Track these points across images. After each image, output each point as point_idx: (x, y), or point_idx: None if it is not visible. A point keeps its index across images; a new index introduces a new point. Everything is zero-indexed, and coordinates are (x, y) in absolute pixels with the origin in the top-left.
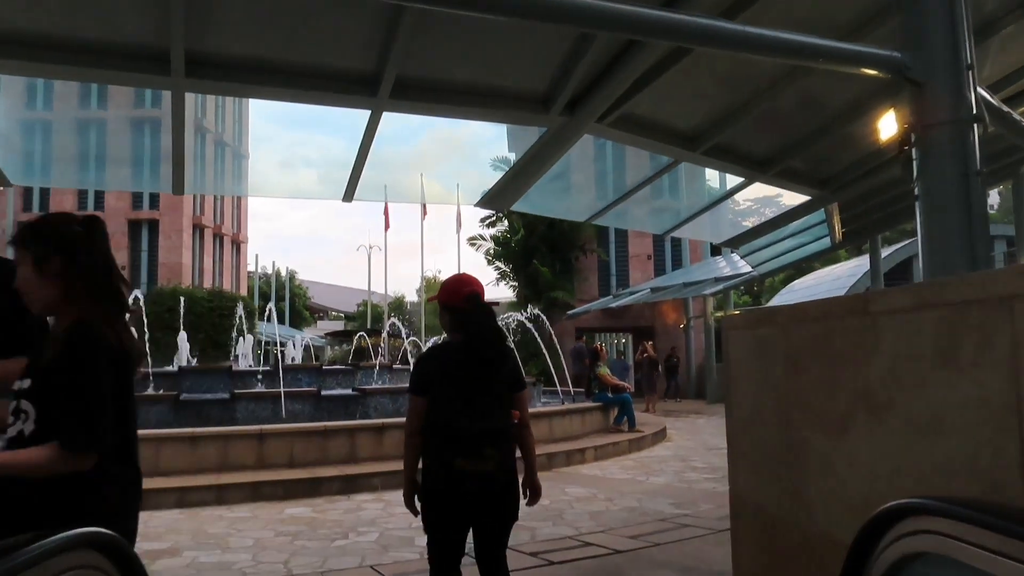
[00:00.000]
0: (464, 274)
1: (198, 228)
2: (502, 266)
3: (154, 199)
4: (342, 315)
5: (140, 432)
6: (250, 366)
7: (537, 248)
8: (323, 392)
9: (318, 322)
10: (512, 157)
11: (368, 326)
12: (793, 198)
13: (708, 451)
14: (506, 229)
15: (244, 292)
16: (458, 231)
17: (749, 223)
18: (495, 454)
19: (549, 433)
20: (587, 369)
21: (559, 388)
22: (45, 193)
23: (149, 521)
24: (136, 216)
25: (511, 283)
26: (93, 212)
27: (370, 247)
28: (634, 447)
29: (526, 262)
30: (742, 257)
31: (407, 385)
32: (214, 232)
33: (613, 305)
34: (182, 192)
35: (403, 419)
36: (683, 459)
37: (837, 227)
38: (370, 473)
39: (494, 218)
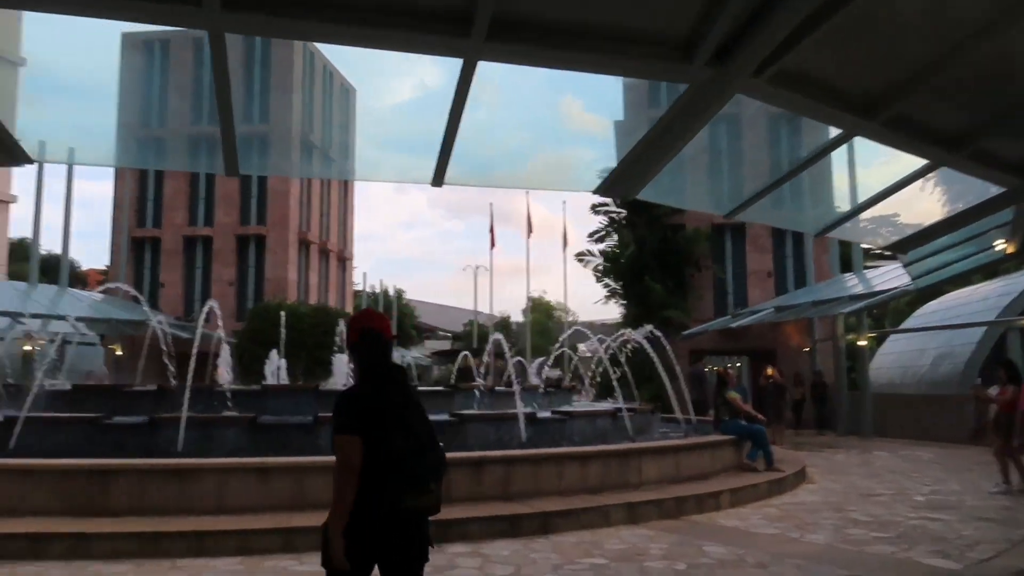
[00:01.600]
0: (366, 310)
1: (304, 244)
2: (611, 283)
3: (261, 215)
4: (449, 335)
5: (202, 461)
6: (344, 386)
7: (648, 264)
8: (259, 420)
9: (426, 341)
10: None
11: (474, 346)
12: (979, 190)
13: (864, 498)
14: (615, 244)
15: (349, 310)
16: (564, 249)
17: (920, 221)
18: (437, 489)
19: (675, 471)
20: (711, 396)
21: (679, 416)
22: (158, 211)
23: (202, 574)
24: (244, 231)
25: (621, 301)
26: (203, 228)
27: (476, 267)
28: (774, 490)
29: (637, 279)
30: (906, 266)
31: (512, 411)
32: (320, 248)
33: (734, 325)
34: (235, 173)
35: (505, 451)
36: (837, 509)
37: None
38: (466, 518)
39: (603, 232)
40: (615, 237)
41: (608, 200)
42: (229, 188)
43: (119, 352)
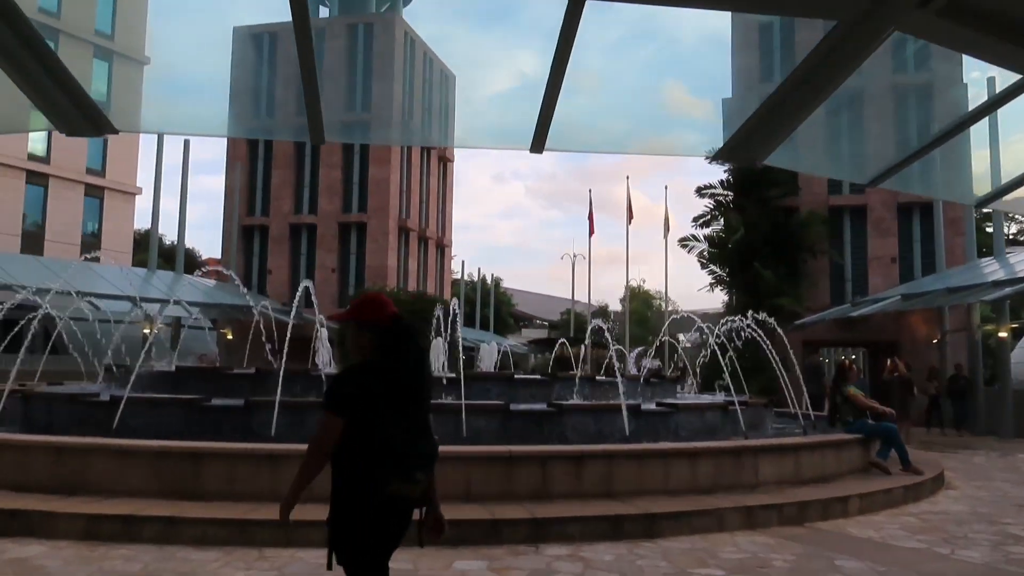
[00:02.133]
0: (380, 293)
1: (404, 231)
2: (717, 270)
3: (363, 202)
4: (546, 323)
5: (292, 447)
6: (441, 372)
7: (758, 249)
8: (512, 407)
9: (523, 330)
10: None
11: (571, 334)
12: None
13: (1021, 509)
14: (721, 229)
15: (448, 297)
16: (665, 235)
17: None
18: (424, 479)
19: (795, 472)
20: (828, 390)
21: (797, 411)
22: (266, 200)
23: (288, 565)
24: (346, 219)
25: (728, 289)
26: (308, 215)
27: (574, 255)
28: (911, 496)
29: (745, 265)
30: None
31: (614, 402)
32: (419, 235)
33: (854, 314)
34: (321, 140)
35: (607, 445)
36: (990, 520)
37: None
38: (565, 517)
39: (708, 217)
40: (721, 222)
41: (714, 182)
42: (332, 177)
43: (230, 336)
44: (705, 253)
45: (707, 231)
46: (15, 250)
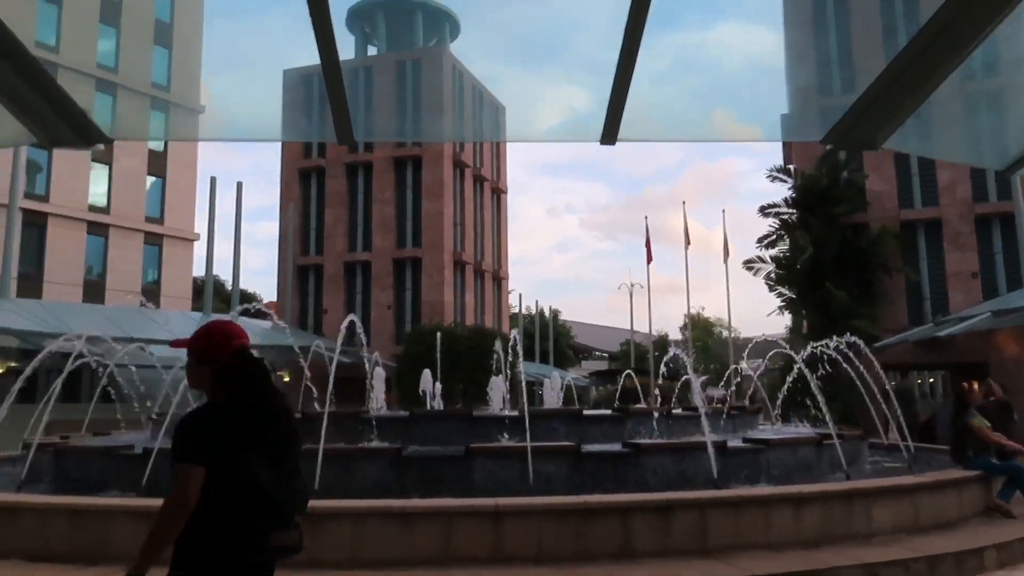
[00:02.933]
0: (228, 322)
1: (459, 265)
2: (785, 291)
3: (416, 238)
4: (605, 355)
5: (336, 504)
6: (500, 409)
7: (828, 269)
8: (583, 448)
9: (582, 362)
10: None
11: (632, 365)
12: None
13: None
14: (787, 249)
15: (507, 330)
16: (725, 260)
17: None
18: (299, 524)
19: (914, 517)
20: (952, 418)
21: (887, 441)
22: (320, 239)
23: None
24: (400, 255)
25: (797, 311)
26: (362, 253)
27: (631, 285)
28: None
29: (815, 285)
30: None
31: (696, 439)
32: (475, 269)
33: (941, 334)
34: (350, 142)
35: (698, 492)
36: None
37: None
38: None
39: (773, 236)
40: (787, 242)
41: (778, 201)
42: (385, 214)
43: (287, 379)
44: (772, 275)
45: (773, 252)
46: (77, 299)
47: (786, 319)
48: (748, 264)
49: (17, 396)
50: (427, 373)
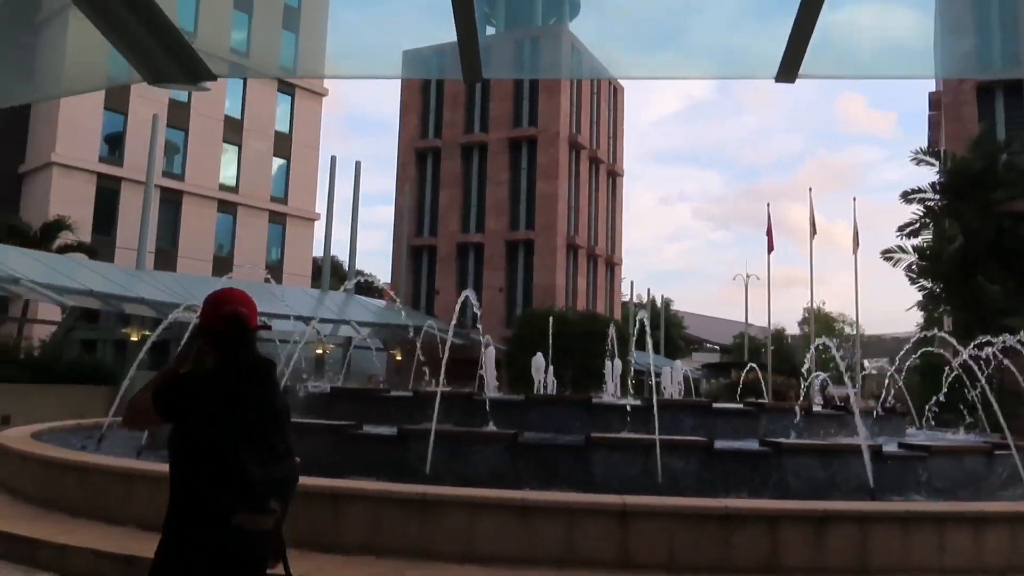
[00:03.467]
0: (228, 289)
1: (572, 248)
2: (928, 284)
3: (530, 219)
4: (716, 347)
5: (447, 492)
6: (615, 397)
7: (980, 261)
8: (717, 445)
9: (693, 354)
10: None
11: (745, 358)
12: None
13: None
14: (930, 238)
15: (618, 316)
16: (855, 252)
17: None
18: (277, 510)
19: None
20: None
21: None
22: (434, 220)
23: None
24: (513, 237)
25: (942, 307)
26: (475, 234)
27: (747, 276)
28: None
29: (965, 279)
30: None
31: (849, 441)
32: (588, 253)
33: None
34: (477, 79)
35: (858, 504)
36: None
37: None
38: None
39: (916, 225)
40: (932, 230)
41: (923, 185)
42: (499, 195)
43: (399, 357)
44: (913, 266)
45: (915, 241)
46: (207, 274)
47: (916, 316)
48: (887, 254)
49: (149, 363)
50: (539, 357)
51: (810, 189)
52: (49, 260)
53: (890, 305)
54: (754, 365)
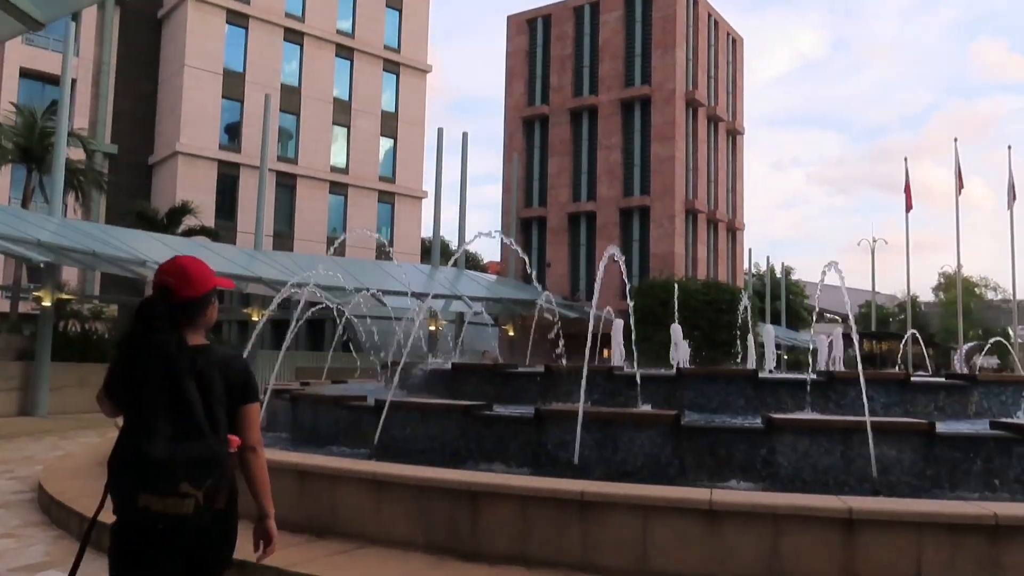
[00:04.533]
0: (174, 257)
1: (691, 214)
2: None
3: (645, 185)
4: (837, 318)
5: (611, 490)
6: (770, 371)
7: None
8: (939, 429)
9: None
10: None
11: (873, 328)
12: None
13: None
14: None
15: (741, 284)
16: (1010, 206)
17: None
18: (194, 492)
19: None
20: None
21: None
22: (543, 190)
23: None
24: (627, 204)
25: None
26: (587, 203)
27: (874, 241)
28: None
29: None
30: None
31: None
32: (708, 218)
33: None
34: None
35: None
36: None
37: None
38: None
39: None
40: None
41: None
42: (611, 160)
43: (511, 333)
44: None
45: None
46: (321, 255)
47: None
48: None
49: (270, 342)
50: (676, 328)
51: (955, 139)
52: (174, 243)
53: None
54: (915, 332)
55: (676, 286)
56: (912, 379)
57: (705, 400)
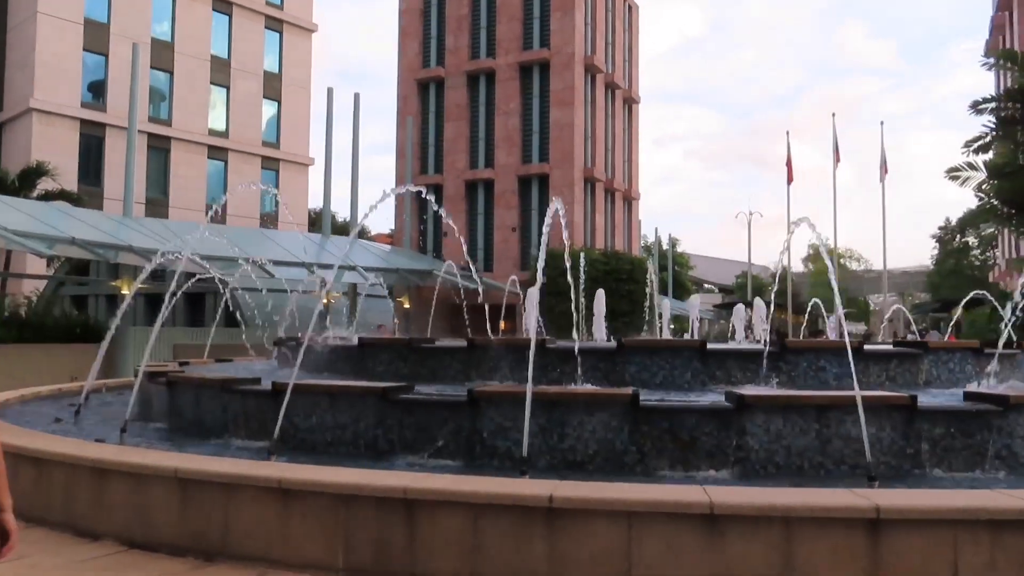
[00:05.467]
0: None
1: (590, 182)
2: (1002, 208)
3: (544, 152)
4: (714, 288)
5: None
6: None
7: None
8: (921, 402)
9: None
10: None
11: (748, 298)
12: None
13: None
14: (1006, 153)
15: (636, 255)
16: (882, 179)
17: None
18: None
19: None
20: None
21: None
22: (439, 157)
23: None
24: (526, 171)
25: (1016, 229)
26: (484, 170)
27: (750, 213)
28: None
29: None
30: None
31: None
32: (606, 187)
33: None
34: None
35: None
36: None
37: None
38: None
39: (988, 138)
40: (1011, 147)
41: (995, 95)
42: (509, 126)
43: (407, 305)
44: (984, 185)
45: (986, 157)
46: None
47: (925, 250)
48: (953, 173)
49: (144, 318)
50: (601, 294)
51: (833, 114)
52: (29, 208)
53: (897, 239)
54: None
55: (582, 254)
56: (865, 348)
57: (648, 375)
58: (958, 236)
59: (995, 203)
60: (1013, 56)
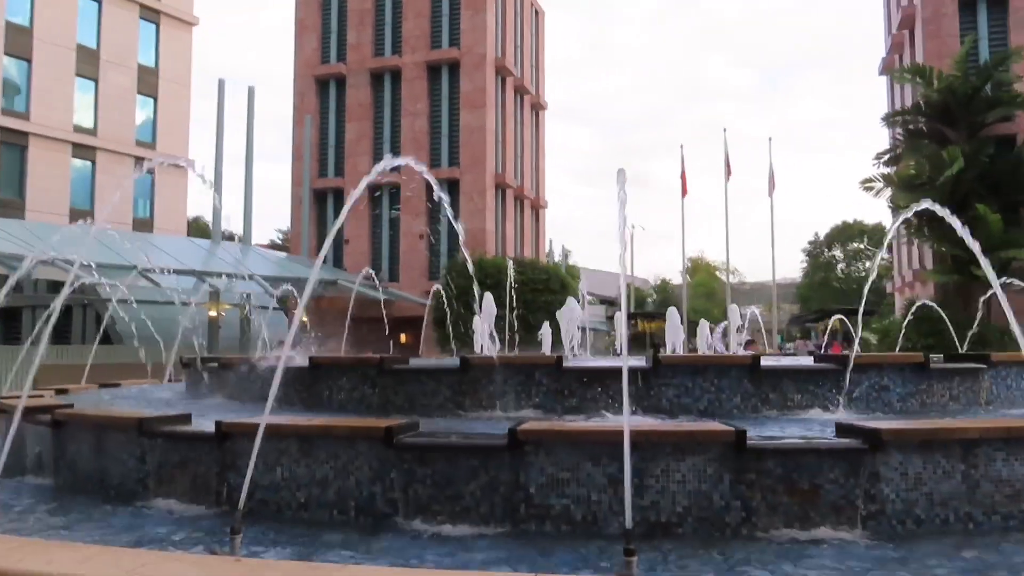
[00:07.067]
0: None
1: (500, 188)
2: (910, 216)
3: (453, 156)
4: (593, 300)
5: None
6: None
7: (973, 191)
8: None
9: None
10: None
11: (630, 310)
12: None
13: None
14: (913, 165)
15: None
16: (770, 193)
17: None
18: None
19: None
20: None
21: None
22: (340, 159)
23: None
24: (435, 176)
25: (928, 240)
26: (390, 173)
27: (632, 227)
28: None
29: (960, 208)
30: None
31: None
32: (515, 194)
33: None
34: None
35: None
36: None
37: None
38: None
39: (896, 151)
40: (922, 158)
41: (907, 107)
42: (416, 128)
43: (304, 318)
44: (895, 198)
45: (892, 170)
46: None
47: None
48: (867, 183)
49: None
50: (489, 298)
51: (724, 129)
52: None
53: (766, 252)
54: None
55: (493, 265)
56: (932, 365)
57: (691, 400)
58: (825, 251)
59: (911, 218)
60: (922, 71)
